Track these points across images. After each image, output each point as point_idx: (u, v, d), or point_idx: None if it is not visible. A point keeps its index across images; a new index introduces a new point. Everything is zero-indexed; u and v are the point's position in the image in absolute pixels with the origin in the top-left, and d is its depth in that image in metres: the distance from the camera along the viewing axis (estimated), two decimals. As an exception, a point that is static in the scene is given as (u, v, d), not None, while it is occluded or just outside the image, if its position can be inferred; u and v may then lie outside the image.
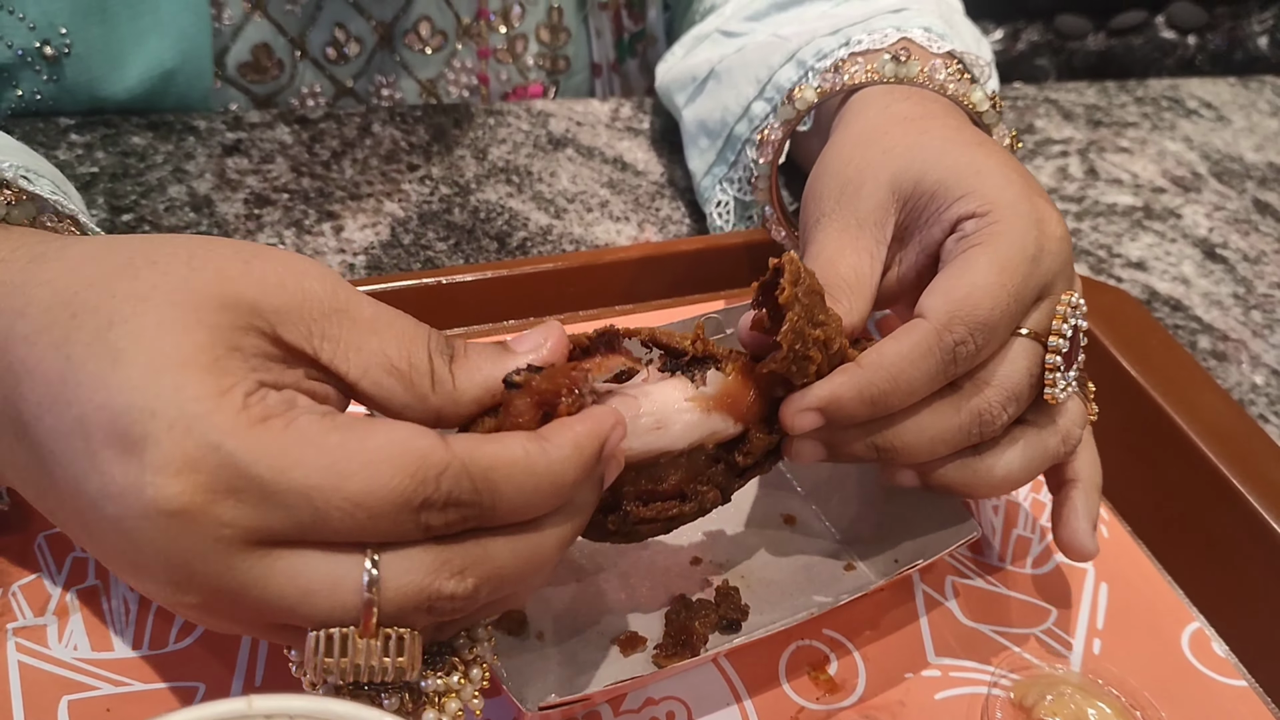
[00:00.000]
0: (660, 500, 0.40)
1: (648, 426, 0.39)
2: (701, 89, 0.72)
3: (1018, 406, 0.44)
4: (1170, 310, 0.74)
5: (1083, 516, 0.47)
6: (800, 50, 0.63)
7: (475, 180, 0.74)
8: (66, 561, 0.44)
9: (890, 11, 0.61)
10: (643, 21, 0.90)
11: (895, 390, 0.42)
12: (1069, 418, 0.46)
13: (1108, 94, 1.02)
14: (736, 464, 0.42)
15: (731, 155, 0.68)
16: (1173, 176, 0.90)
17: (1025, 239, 0.43)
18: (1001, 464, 0.44)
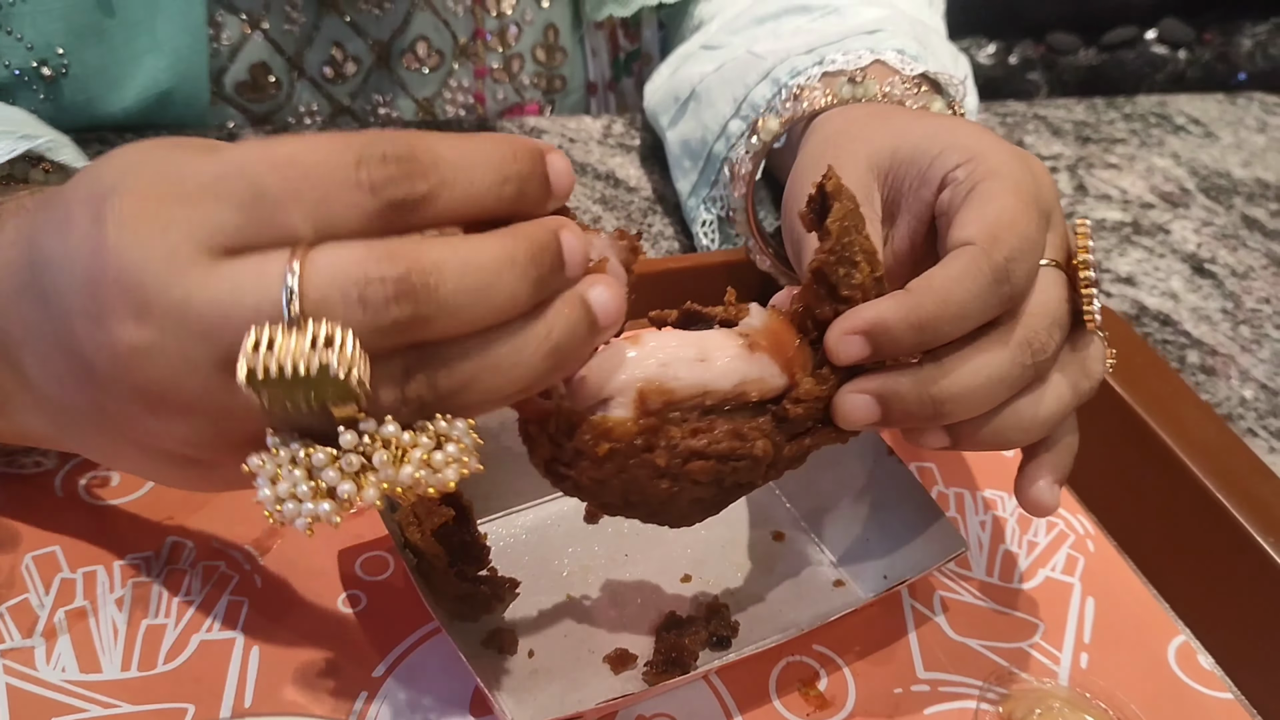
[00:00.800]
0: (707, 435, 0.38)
1: (691, 358, 0.38)
2: (684, 110, 0.73)
3: (1062, 333, 0.42)
4: (1159, 325, 0.75)
5: (1045, 469, 0.44)
6: (775, 68, 0.64)
7: (468, 196, 0.74)
8: (54, 582, 0.44)
9: (865, 32, 0.62)
10: (638, 40, 0.90)
11: (945, 313, 0.40)
12: (1093, 351, 0.44)
13: (1096, 110, 1.02)
14: (786, 413, 0.40)
15: (712, 175, 0.69)
16: (1161, 192, 0.91)
17: (1020, 171, 0.43)
18: (1037, 406, 0.42)
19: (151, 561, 0.45)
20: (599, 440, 0.37)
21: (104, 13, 0.66)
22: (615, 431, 0.37)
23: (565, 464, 0.38)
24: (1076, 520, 0.55)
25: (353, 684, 0.42)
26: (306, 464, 0.32)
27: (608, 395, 0.38)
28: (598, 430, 0.37)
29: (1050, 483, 0.44)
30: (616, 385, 0.38)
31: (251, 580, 0.45)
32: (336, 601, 0.45)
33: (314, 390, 0.31)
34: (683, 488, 0.38)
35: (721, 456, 0.38)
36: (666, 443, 0.38)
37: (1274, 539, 0.48)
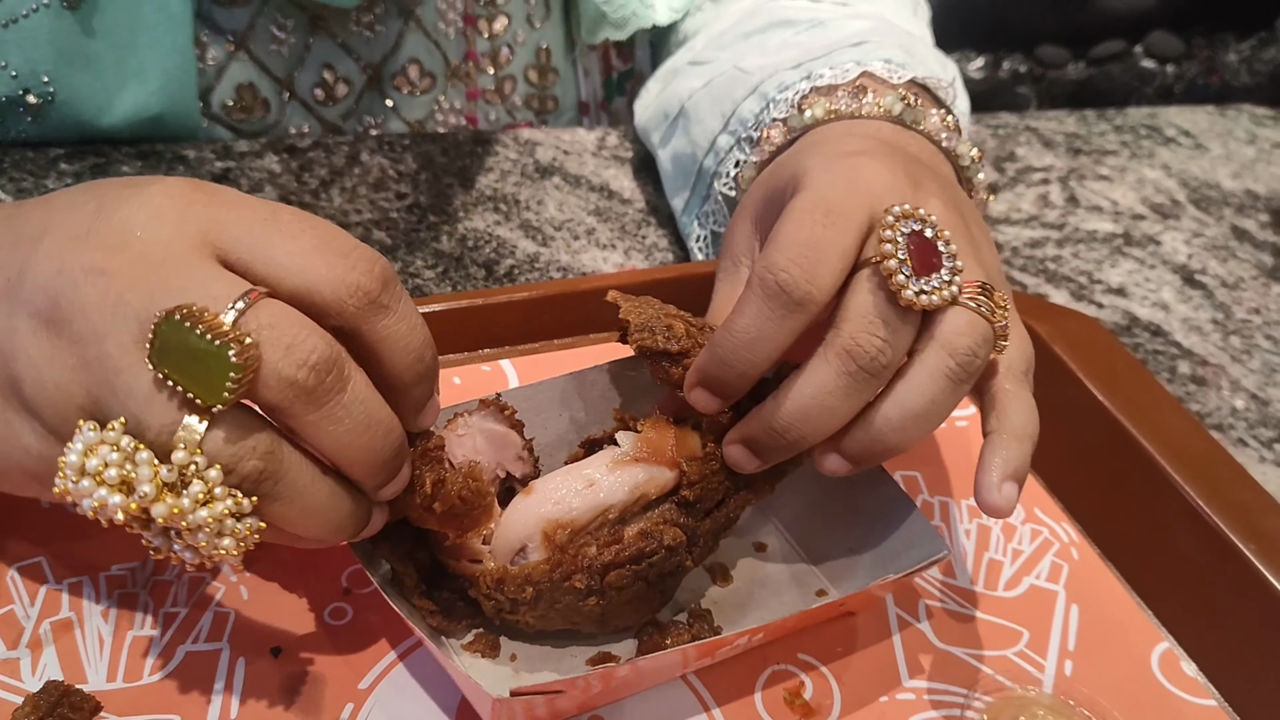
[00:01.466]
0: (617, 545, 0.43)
1: (580, 488, 0.43)
2: (674, 127, 0.73)
3: (888, 330, 0.42)
4: (1150, 335, 0.75)
5: (994, 469, 0.43)
6: (762, 83, 0.64)
7: (463, 208, 0.75)
8: (40, 594, 0.44)
9: (851, 45, 0.63)
10: (631, 60, 0.91)
11: (740, 342, 0.42)
12: (950, 327, 0.43)
13: (1087, 122, 1.03)
14: (687, 501, 0.44)
15: (704, 190, 0.69)
16: (1152, 204, 0.91)
17: (829, 177, 0.45)
18: (896, 402, 0.42)
19: (138, 573, 0.46)
20: (523, 587, 0.42)
21: (90, 38, 0.67)
22: (534, 575, 0.42)
23: (509, 612, 0.43)
24: (1061, 528, 0.55)
25: (339, 695, 0.43)
26: (130, 454, 0.35)
27: (521, 545, 0.43)
28: (518, 579, 0.42)
29: (998, 481, 0.43)
30: (524, 534, 0.43)
31: (238, 592, 0.46)
32: (323, 613, 0.45)
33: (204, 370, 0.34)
34: (610, 598, 0.43)
35: (633, 559, 0.42)
36: (582, 566, 0.42)
37: (1256, 546, 0.48)
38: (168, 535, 0.36)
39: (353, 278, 0.37)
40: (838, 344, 0.42)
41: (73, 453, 0.35)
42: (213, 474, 0.35)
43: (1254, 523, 0.49)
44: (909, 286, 0.42)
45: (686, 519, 0.44)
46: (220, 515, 0.35)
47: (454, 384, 0.57)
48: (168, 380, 0.34)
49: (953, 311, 0.43)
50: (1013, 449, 0.44)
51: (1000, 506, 0.43)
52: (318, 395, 0.36)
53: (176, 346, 0.34)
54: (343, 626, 0.45)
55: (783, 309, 0.42)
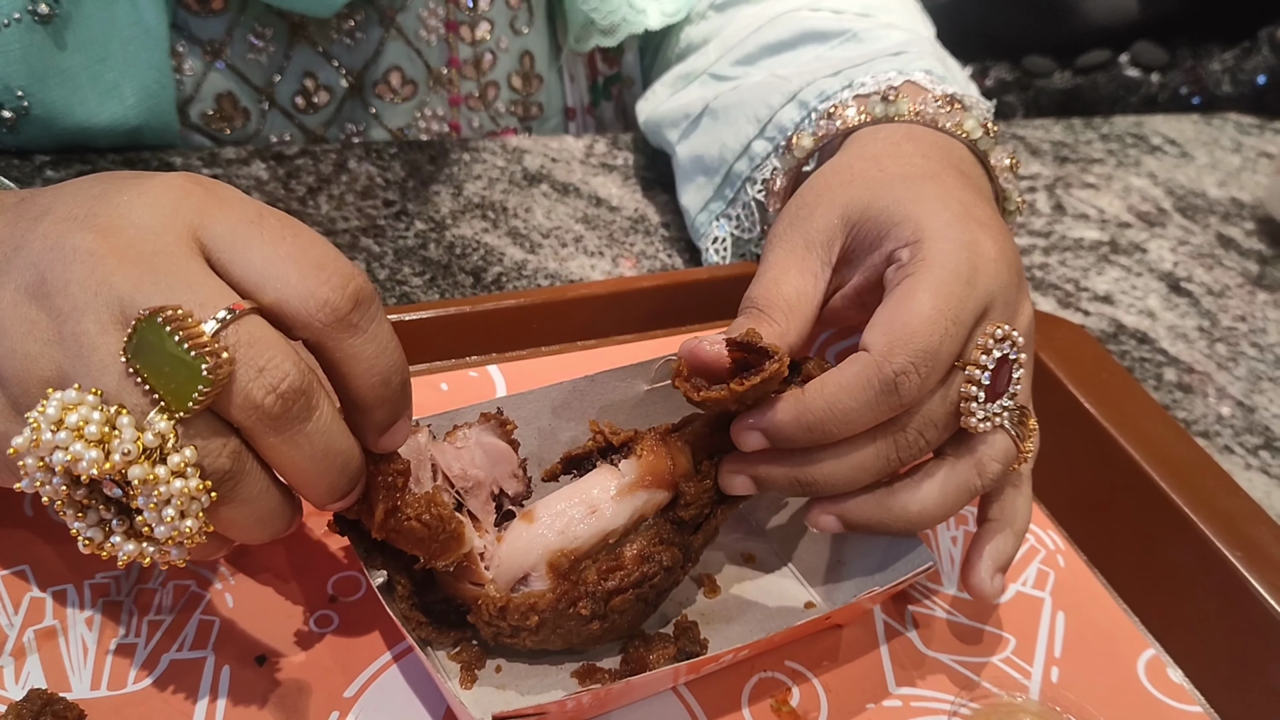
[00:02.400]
0: (620, 571, 0.43)
1: (583, 515, 0.43)
2: (696, 125, 0.73)
3: (936, 433, 0.44)
4: (1137, 343, 0.75)
5: (986, 557, 0.47)
6: (802, 91, 0.64)
7: (451, 216, 0.75)
8: (24, 601, 0.44)
9: (890, 55, 0.63)
10: (618, 65, 0.91)
11: (831, 418, 0.43)
12: (990, 451, 0.45)
13: (1074, 131, 1.03)
14: (682, 519, 0.45)
15: (730, 192, 0.69)
16: (1138, 211, 0.92)
17: (957, 261, 0.45)
18: (917, 498, 0.45)
19: (122, 580, 0.45)
20: (527, 615, 0.43)
21: (63, 52, 0.66)
22: (539, 604, 0.43)
23: (509, 637, 0.44)
24: (1047, 536, 0.55)
25: (325, 703, 0.42)
26: (112, 417, 0.34)
27: (524, 574, 0.43)
28: (523, 609, 0.43)
29: (992, 573, 0.47)
30: (529, 563, 0.43)
31: (223, 599, 0.45)
32: (308, 621, 0.45)
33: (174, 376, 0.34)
34: (612, 620, 0.43)
35: (636, 584, 0.43)
36: (586, 592, 0.43)
37: (1242, 553, 0.48)
38: (121, 514, 0.36)
39: (322, 292, 0.37)
40: (899, 437, 0.44)
41: (50, 406, 0.34)
42: (188, 454, 0.35)
43: (1240, 530, 0.50)
44: (976, 415, 0.44)
45: (680, 536, 0.45)
46: (193, 492, 0.35)
47: (441, 390, 0.57)
48: (137, 376, 0.35)
49: (996, 435, 0.45)
50: (1008, 543, 0.48)
51: (990, 595, 0.47)
52: (281, 422, 0.36)
53: (153, 347, 0.34)
54: (328, 634, 0.45)
55: (888, 405, 0.43)
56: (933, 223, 0.46)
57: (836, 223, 0.49)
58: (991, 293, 0.45)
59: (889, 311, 0.44)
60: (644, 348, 0.61)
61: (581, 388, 0.51)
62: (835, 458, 0.44)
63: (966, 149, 0.54)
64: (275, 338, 0.36)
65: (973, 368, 0.44)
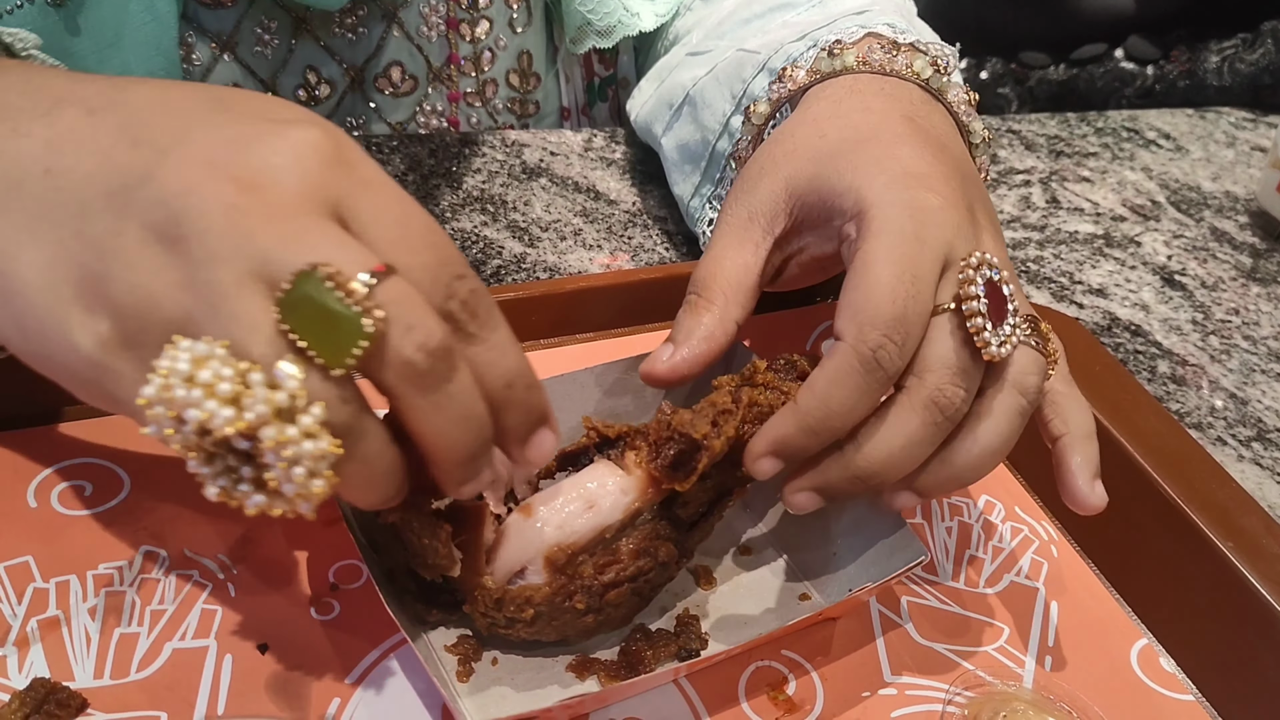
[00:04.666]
0: (616, 566, 0.44)
1: (581, 510, 0.43)
2: (678, 115, 0.73)
3: (968, 379, 0.44)
4: (1130, 335, 0.76)
5: (1079, 471, 0.47)
6: (770, 59, 0.65)
7: (450, 209, 0.75)
8: (27, 592, 0.44)
9: (853, 14, 0.64)
10: (613, 66, 0.91)
11: (832, 413, 0.43)
12: (1019, 370, 0.45)
13: (1069, 125, 1.04)
14: (679, 517, 0.45)
15: (717, 173, 0.70)
16: (1132, 205, 0.92)
17: (901, 222, 0.45)
18: (977, 444, 0.45)
19: (125, 570, 0.46)
20: (523, 608, 0.43)
21: (74, 37, 0.67)
22: (535, 598, 0.43)
23: (503, 628, 0.44)
24: (1041, 526, 0.56)
25: (325, 692, 0.43)
26: (243, 374, 0.34)
27: (521, 567, 0.44)
28: (519, 601, 0.43)
29: (1090, 481, 0.47)
30: (526, 557, 0.43)
31: (225, 589, 0.46)
32: (309, 609, 0.46)
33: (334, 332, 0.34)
34: (607, 614, 0.44)
35: (632, 578, 0.44)
36: (581, 586, 0.43)
37: (1234, 544, 0.49)
38: (250, 464, 0.35)
39: (449, 306, 0.37)
40: (924, 395, 0.44)
41: (181, 360, 0.33)
42: (317, 411, 0.34)
43: (1231, 521, 0.50)
44: (992, 343, 0.44)
45: (677, 532, 0.45)
46: (322, 452, 0.34)
47: (440, 383, 0.57)
48: (290, 333, 0.34)
49: (1019, 352, 0.45)
50: (1088, 448, 0.48)
51: (1096, 505, 0.47)
52: (428, 380, 0.36)
53: (311, 303, 0.34)
54: (330, 622, 0.45)
55: (878, 382, 0.43)
56: (872, 190, 0.46)
57: (781, 195, 0.50)
58: (945, 240, 0.45)
59: (850, 293, 0.44)
60: (643, 339, 0.62)
61: (581, 380, 0.52)
62: (885, 443, 0.44)
63: (920, 90, 0.54)
64: (419, 298, 0.36)
65: (968, 301, 0.44)
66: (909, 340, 0.44)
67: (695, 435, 0.43)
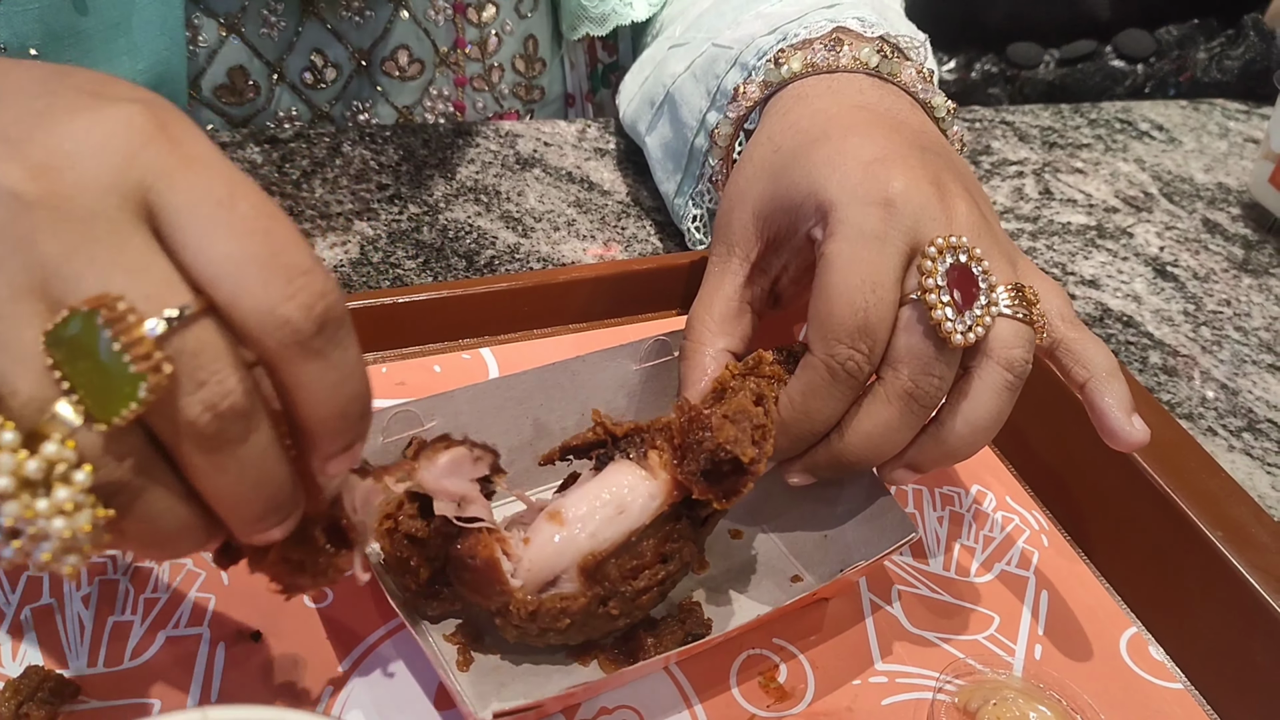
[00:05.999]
0: (646, 570, 0.44)
1: (610, 515, 0.43)
2: (660, 113, 0.74)
3: (940, 365, 0.44)
4: (1122, 326, 0.76)
5: (1114, 411, 0.47)
6: (742, 54, 0.65)
7: (444, 199, 0.75)
8: (21, 580, 0.44)
9: (824, 7, 0.64)
10: (616, 54, 0.91)
11: (813, 421, 0.46)
12: (1003, 344, 0.45)
13: (1062, 116, 1.04)
14: (698, 517, 0.45)
15: (696, 169, 0.70)
16: (1125, 196, 0.93)
17: (862, 219, 0.45)
18: (966, 422, 0.46)
19: (118, 559, 0.46)
20: (559, 617, 0.43)
21: (80, 14, 0.67)
22: (572, 607, 0.43)
23: (535, 637, 0.44)
24: (1031, 515, 0.56)
25: (318, 678, 0.43)
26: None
27: (555, 576, 0.43)
28: (555, 611, 0.42)
29: (1127, 417, 0.47)
30: (560, 566, 0.43)
31: (218, 577, 0.46)
32: (303, 597, 0.46)
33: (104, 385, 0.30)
34: (634, 615, 0.45)
35: (660, 582, 0.44)
36: (614, 592, 0.43)
37: (1223, 533, 0.49)
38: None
39: (285, 309, 0.31)
40: (898, 387, 0.45)
41: None
42: (80, 478, 0.30)
43: (1221, 510, 0.50)
44: (956, 331, 0.44)
45: (694, 530, 0.46)
46: (78, 529, 0.30)
47: (435, 371, 0.57)
48: (55, 369, 0.30)
49: (999, 325, 0.45)
50: (1116, 386, 0.47)
51: (1140, 439, 0.47)
52: (213, 443, 0.31)
53: (83, 347, 0.29)
54: (323, 610, 0.46)
55: (850, 389, 0.45)
56: (829, 191, 0.47)
57: (749, 222, 0.51)
58: (908, 228, 0.45)
59: (815, 304, 0.45)
60: (634, 329, 0.62)
61: (573, 368, 0.52)
62: (864, 434, 0.46)
63: (869, 77, 0.54)
64: (223, 348, 0.31)
65: (928, 293, 0.44)
66: (876, 345, 0.45)
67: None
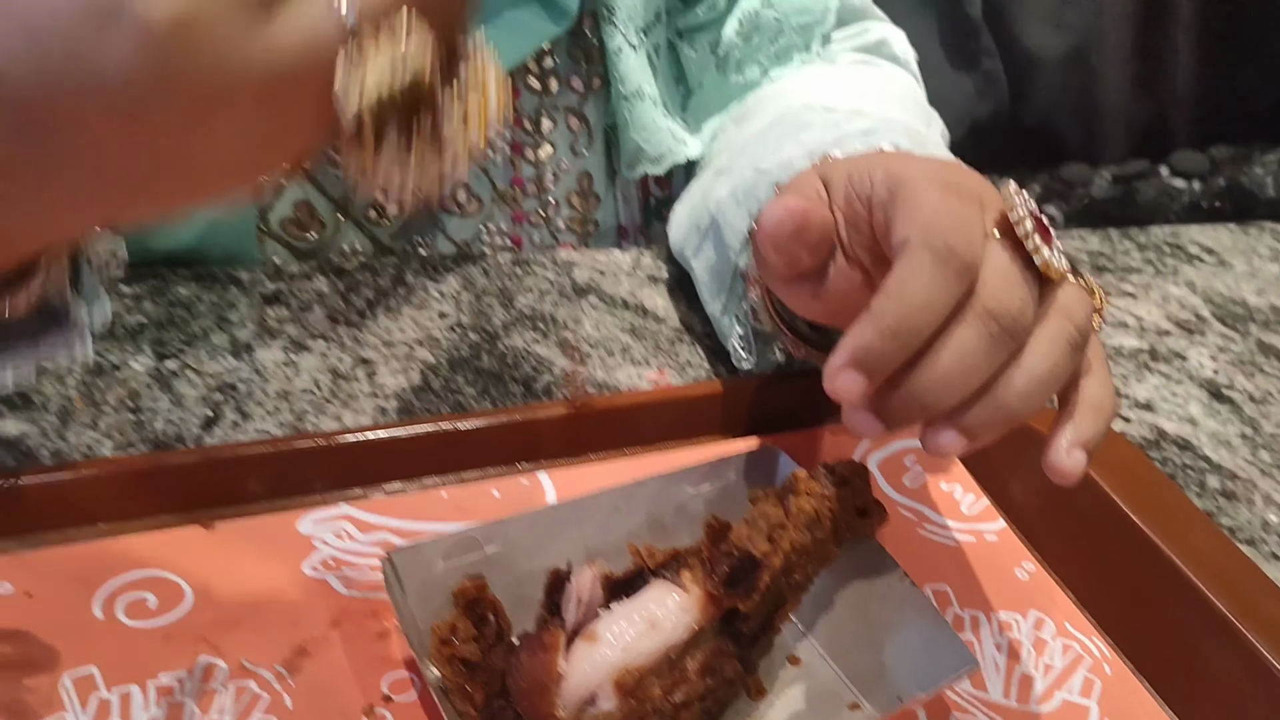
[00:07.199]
0: (686, 686, 0.44)
1: (644, 632, 0.44)
2: (706, 237, 0.76)
3: (1023, 290, 0.44)
4: (1179, 450, 0.76)
5: (1065, 434, 0.45)
6: (780, 176, 0.67)
7: (503, 327, 0.78)
8: (91, 701, 0.45)
9: (861, 133, 0.66)
10: (669, 188, 0.95)
11: (909, 308, 0.42)
12: (1068, 299, 0.45)
13: (1111, 240, 1.05)
14: (741, 631, 0.45)
15: (740, 289, 0.72)
16: (1177, 320, 0.93)
17: (930, 168, 0.47)
18: (1023, 371, 0.43)
19: (185, 681, 0.47)
20: None
21: None
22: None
23: None
24: (1092, 643, 0.55)
25: (376, 804, 0.43)
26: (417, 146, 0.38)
27: (592, 695, 0.44)
28: None
29: (1067, 446, 0.44)
30: (595, 682, 0.44)
31: (282, 701, 0.47)
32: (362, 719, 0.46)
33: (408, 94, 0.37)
34: None
35: (702, 696, 0.44)
36: (653, 709, 0.43)
37: (1291, 662, 0.48)
38: None
39: None
40: (979, 306, 0.43)
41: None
42: None
43: (1287, 639, 0.49)
44: (1043, 250, 0.44)
45: (739, 648, 0.46)
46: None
47: (494, 496, 0.59)
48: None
49: (1067, 285, 0.46)
50: (1086, 418, 0.45)
51: (1065, 470, 0.44)
52: None
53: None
54: (382, 736, 0.46)
55: (954, 272, 0.42)
56: (899, 166, 0.48)
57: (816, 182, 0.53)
58: (976, 186, 0.47)
59: (901, 213, 0.45)
60: (689, 453, 0.63)
61: (629, 492, 0.53)
62: (943, 352, 0.42)
63: None
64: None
65: (1017, 223, 0.44)
66: (974, 234, 0.44)
67: (755, 553, 0.43)
